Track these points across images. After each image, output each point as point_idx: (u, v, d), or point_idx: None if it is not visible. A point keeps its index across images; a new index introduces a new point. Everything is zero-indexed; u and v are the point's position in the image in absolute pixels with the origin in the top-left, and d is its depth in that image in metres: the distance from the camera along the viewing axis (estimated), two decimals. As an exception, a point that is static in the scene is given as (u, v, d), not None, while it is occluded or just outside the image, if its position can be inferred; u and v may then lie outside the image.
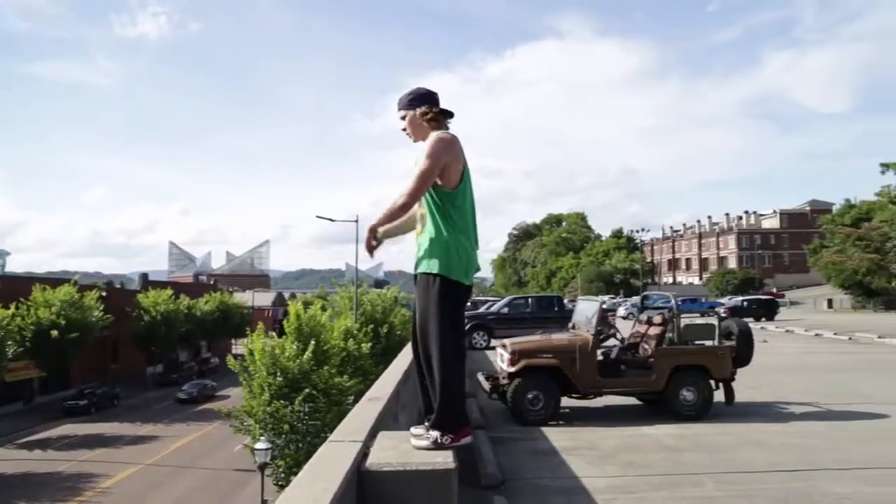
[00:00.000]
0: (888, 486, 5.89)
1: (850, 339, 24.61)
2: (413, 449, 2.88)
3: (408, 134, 3.25)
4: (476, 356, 17.25)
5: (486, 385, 9.42)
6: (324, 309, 24.39)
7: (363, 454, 2.74)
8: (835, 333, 26.49)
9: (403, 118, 3.25)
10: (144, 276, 59.53)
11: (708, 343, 9.40)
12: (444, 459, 2.68)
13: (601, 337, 9.35)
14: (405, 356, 7.56)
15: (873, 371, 14.70)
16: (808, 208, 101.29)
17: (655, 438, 7.88)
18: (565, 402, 9.21)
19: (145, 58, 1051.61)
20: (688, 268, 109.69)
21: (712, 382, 9.11)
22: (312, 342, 19.16)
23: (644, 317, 10.34)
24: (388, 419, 3.99)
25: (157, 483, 24.11)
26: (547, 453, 7.26)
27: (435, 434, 2.93)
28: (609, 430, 8.31)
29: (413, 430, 3.07)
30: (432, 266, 3.02)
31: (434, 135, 3.08)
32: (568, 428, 8.55)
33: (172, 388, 44.72)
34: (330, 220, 32.63)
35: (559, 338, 9.64)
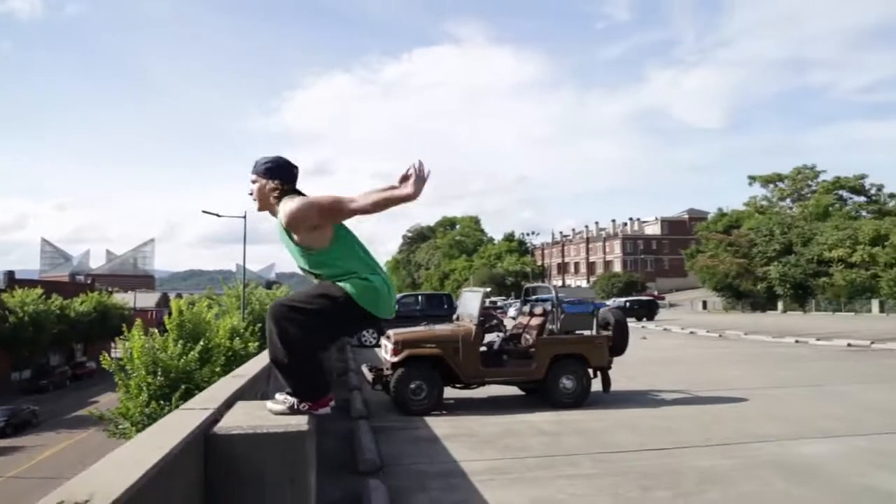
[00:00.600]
0: (742, 458, 6.31)
1: (720, 336, 26.37)
2: (268, 414, 2.76)
3: (253, 199, 3.06)
4: (365, 353, 17.12)
5: (370, 376, 9.31)
6: (210, 307, 23.51)
7: (214, 420, 2.59)
8: (707, 331, 28.38)
9: (254, 182, 3.04)
10: (10, 273, 55.04)
11: (586, 333, 9.72)
12: (298, 422, 2.57)
13: (485, 326, 9.46)
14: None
15: (738, 363, 15.78)
16: (686, 216, 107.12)
17: (535, 425, 8.05)
18: (449, 392, 9.26)
19: (14, 38, 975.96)
20: (576, 271, 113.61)
21: (590, 371, 9.42)
22: (202, 342, 18.39)
23: (527, 308, 10.56)
24: (253, 396, 3.82)
25: (17, 497, 22.23)
26: (428, 440, 7.26)
27: (293, 400, 2.82)
28: (490, 418, 8.42)
29: (277, 396, 2.93)
30: (346, 287, 2.85)
31: (304, 202, 2.83)
32: (450, 417, 8.59)
33: (41, 396, 41.41)
34: (216, 215, 31.48)
35: (442, 328, 9.67)
